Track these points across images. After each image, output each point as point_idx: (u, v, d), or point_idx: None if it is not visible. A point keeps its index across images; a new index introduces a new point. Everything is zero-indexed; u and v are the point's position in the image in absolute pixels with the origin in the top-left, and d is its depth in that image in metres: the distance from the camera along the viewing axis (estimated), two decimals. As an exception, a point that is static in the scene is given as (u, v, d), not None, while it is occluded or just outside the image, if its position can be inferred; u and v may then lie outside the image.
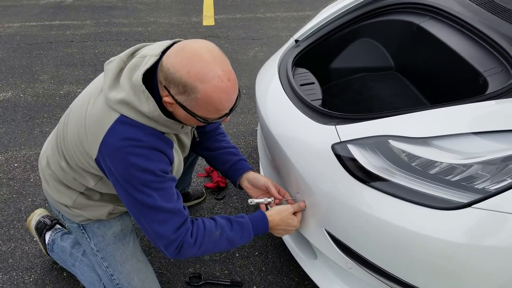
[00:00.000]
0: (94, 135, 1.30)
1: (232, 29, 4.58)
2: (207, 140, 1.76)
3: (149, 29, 4.58)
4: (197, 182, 2.46)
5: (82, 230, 1.64)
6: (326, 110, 1.59)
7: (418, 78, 2.18)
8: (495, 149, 1.23)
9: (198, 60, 1.18)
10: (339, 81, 2.33)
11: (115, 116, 1.28)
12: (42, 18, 4.87)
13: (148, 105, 1.25)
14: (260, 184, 1.66)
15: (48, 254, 1.91)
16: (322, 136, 1.48)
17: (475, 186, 1.20)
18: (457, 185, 1.22)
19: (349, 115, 1.51)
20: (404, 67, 2.28)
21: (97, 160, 1.34)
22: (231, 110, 1.29)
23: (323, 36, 2.13)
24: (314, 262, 1.65)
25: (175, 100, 1.23)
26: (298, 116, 1.62)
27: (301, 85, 1.85)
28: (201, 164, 2.57)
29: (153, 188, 1.31)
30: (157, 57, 1.27)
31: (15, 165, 2.59)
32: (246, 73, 3.66)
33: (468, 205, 1.18)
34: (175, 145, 1.41)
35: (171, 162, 1.38)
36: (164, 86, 1.23)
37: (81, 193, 1.55)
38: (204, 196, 2.34)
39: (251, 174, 1.70)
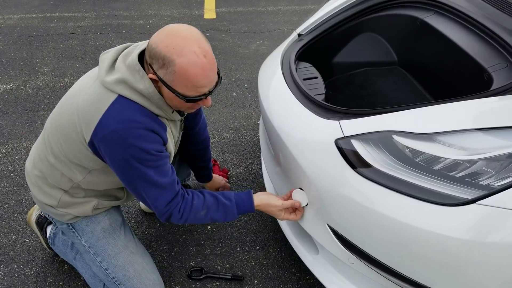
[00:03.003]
0: (90, 117, 1.35)
1: (234, 22, 4.55)
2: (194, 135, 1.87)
3: (150, 21, 4.55)
4: (198, 176, 2.46)
5: (72, 229, 1.67)
6: (330, 104, 1.58)
7: (422, 73, 2.17)
8: (500, 145, 1.23)
9: (176, 37, 1.27)
10: (342, 75, 2.32)
11: (113, 96, 1.34)
12: (42, 10, 4.84)
13: (143, 82, 1.33)
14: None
15: (49, 248, 1.91)
16: (326, 131, 1.48)
17: (480, 183, 1.19)
18: (462, 181, 1.21)
19: (353, 110, 1.51)
20: (407, 62, 2.27)
21: (90, 143, 1.38)
22: (210, 92, 1.35)
23: (326, 30, 2.12)
24: (315, 257, 1.65)
25: (157, 76, 1.30)
26: (301, 110, 1.61)
27: (304, 79, 1.84)
28: (203, 158, 2.57)
29: (149, 166, 1.39)
30: (147, 43, 1.35)
31: (16, 157, 2.58)
32: (247, 67, 3.64)
33: (473, 201, 1.18)
34: (168, 129, 1.48)
35: (164, 143, 1.45)
36: (149, 64, 1.31)
37: (65, 191, 1.57)
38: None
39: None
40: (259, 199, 1.61)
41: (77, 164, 1.48)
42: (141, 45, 1.39)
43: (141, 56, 1.36)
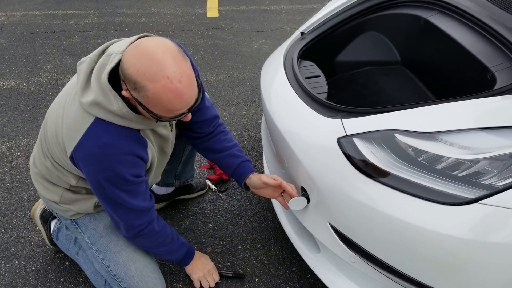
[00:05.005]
0: (71, 135, 1.35)
1: (237, 21, 4.55)
2: (209, 140, 1.74)
3: (152, 19, 4.55)
4: (200, 174, 2.46)
5: (75, 225, 1.68)
6: (332, 103, 1.58)
7: (425, 72, 2.16)
8: (502, 145, 1.22)
9: (148, 59, 1.18)
10: (345, 74, 2.32)
11: (90, 119, 1.32)
12: (45, 7, 4.84)
13: (116, 103, 1.29)
14: (260, 185, 1.67)
15: (51, 244, 1.91)
16: (328, 129, 1.47)
17: (482, 182, 1.19)
18: (464, 181, 1.21)
19: (355, 108, 1.50)
20: (410, 61, 2.26)
21: (71, 158, 1.39)
22: (189, 110, 1.29)
23: (329, 29, 2.12)
24: (317, 256, 1.65)
25: (131, 95, 1.25)
26: (304, 109, 1.61)
27: (307, 78, 1.83)
28: (204, 156, 2.57)
29: (122, 190, 1.41)
30: (122, 55, 1.27)
31: (18, 154, 2.58)
32: (249, 66, 3.64)
33: (475, 200, 1.17)
34: (149, 144, 1.45)
35: (145, 162, 1.45)
36: (123, 81, 1.25)
37: (67, 189, 1.59)
38: (207, 188, 2.34)
39: (253, 178, 1.69)
40: (192, 264, 1.80)
41: (68, 171, 1.51)
42: (114, 58, 1.29)
43: (115, 69, 1.29)
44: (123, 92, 1.26)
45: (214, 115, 1.73)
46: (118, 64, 1.27)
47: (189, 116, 1.35)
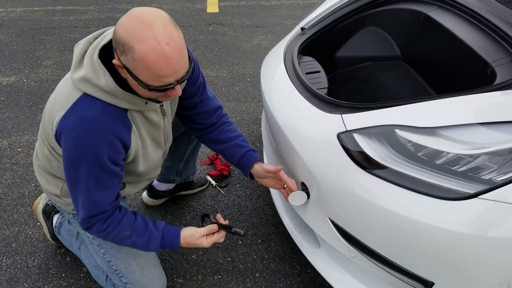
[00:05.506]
0: (59, 110, 1.33)
1: (237, 16, 4.54)
2: (213, 131, 1.73)
3: (153, 15, 4.54)
4: (201, 169, 2.46)
5: (77, 220, 1.64)
6: (332, 98, 1.58)
7: (425, 68, 2.16)
8: (502, 140, 1.23)
9: (138, 21, 1.17)
10: (345, 70, 2.32)
11: (78, 94, 1.31)
12: (45, 3, 4.83)
13: (104, 78, 1.28)
14: (262, 174, 1.65)
15: (52, 239, 1.92)
16: (328, 125, 1.48)
17: (482, 177, 1.19)
18: (464, 176, 1.21)
19: (355, 104, 1.51)
20: (410, 56, 2.26)
21: (55, 135, 1.36)
22: (179, 81, 1.25)
23: (329, 24, 2.11)
24: (317, 251, 1.66)
25: (120, 62, 1.23)
26: (304, 104, 1.61)
27: (307, 73, 1.83)
28: (204, 152, 2.57)
29: (92, 174, 1.34)
30: None
31: (19, 150, 2.59)
32: (250, 61, 3.63)
33: (474, 195, 1.18)
34: (134, 128, 1.41)
35: (127, 148, 1.40)
36: (115, 49, 1.24)
37: None
38: (207, 184, 2.34)
39: (256, 167, 1.68)
40: (182, 235, 1.54)
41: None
42: (109, 34, 1.32)
43: (109, 48, 1.30)
44: (114, 61, 1.25)
45: (217, 106, 1.72)
46: (111, 42, 1.28)
47: (179, 90, 1.30)
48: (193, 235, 1.53)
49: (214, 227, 1.56)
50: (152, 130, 1.50)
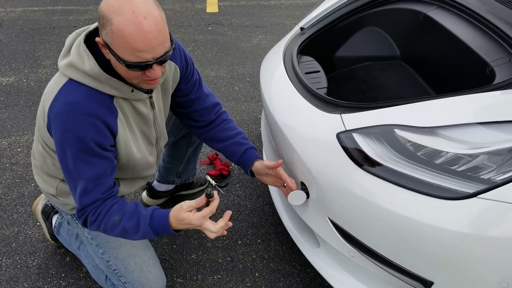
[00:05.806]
0: (46, 101, 1.34)
1: (236, 16, 4.54)
2: (213, 129, 1.73)
3: (152, 15, 4.54)
4: (200, 169, 2.47)
5: (75, 220, 1.67)
6: (332, 98, 1.58)
7: (424, 67, 2.17)
8: (501, 139, 1.23)
9: None
10: (345, 69, 2.32)
11: (64, 80, 1.32)
12: (45, 3, 4.83)
13: (89, 63, 1.28)
14: (263, 171, 1.65)
15: (52, 239, 1.92)
16: (327, 124, 1.48)
17: (481, 177, 1.20)
18: (463, 175, 1.21)
19: (355, 103, 1.51)
20: (410, 56, 2.26)
21: (47, 128, 1.36)
22: (157, 60, 1.22)
23: (328, 24, 2.11)
24: (316, 251, 1.66)
25: (102, 38, 1.23)
26: (303, 104, 1.61)
27: (306, 73, 1.84)
28: (204, 151, 2.57)
29: (80, 158, 1.32)
30: None
31: (18, 150, 2.59)
32: (249, 61, 3.64)
33: (474, 195, 1.18)
34: (120, 115, 1.39)
35: (114, 134, 1.37)
36: (98, 27, 1.24)
37: (62, 180, 1.57)
38: (207, 184, 2.34)
39: (256, 165, 1.67)
40: (171, 215, 1.39)
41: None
42: (95, 24, 1.34)
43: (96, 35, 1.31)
44: (97, 38, 1.25)
45: (214, 102, 1.72)
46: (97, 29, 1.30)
47: (158, 71, 1.26)
48: (181, 207, 1.39)
49: (202, 199, 1.38)
50: (142, 123, 1.48)
